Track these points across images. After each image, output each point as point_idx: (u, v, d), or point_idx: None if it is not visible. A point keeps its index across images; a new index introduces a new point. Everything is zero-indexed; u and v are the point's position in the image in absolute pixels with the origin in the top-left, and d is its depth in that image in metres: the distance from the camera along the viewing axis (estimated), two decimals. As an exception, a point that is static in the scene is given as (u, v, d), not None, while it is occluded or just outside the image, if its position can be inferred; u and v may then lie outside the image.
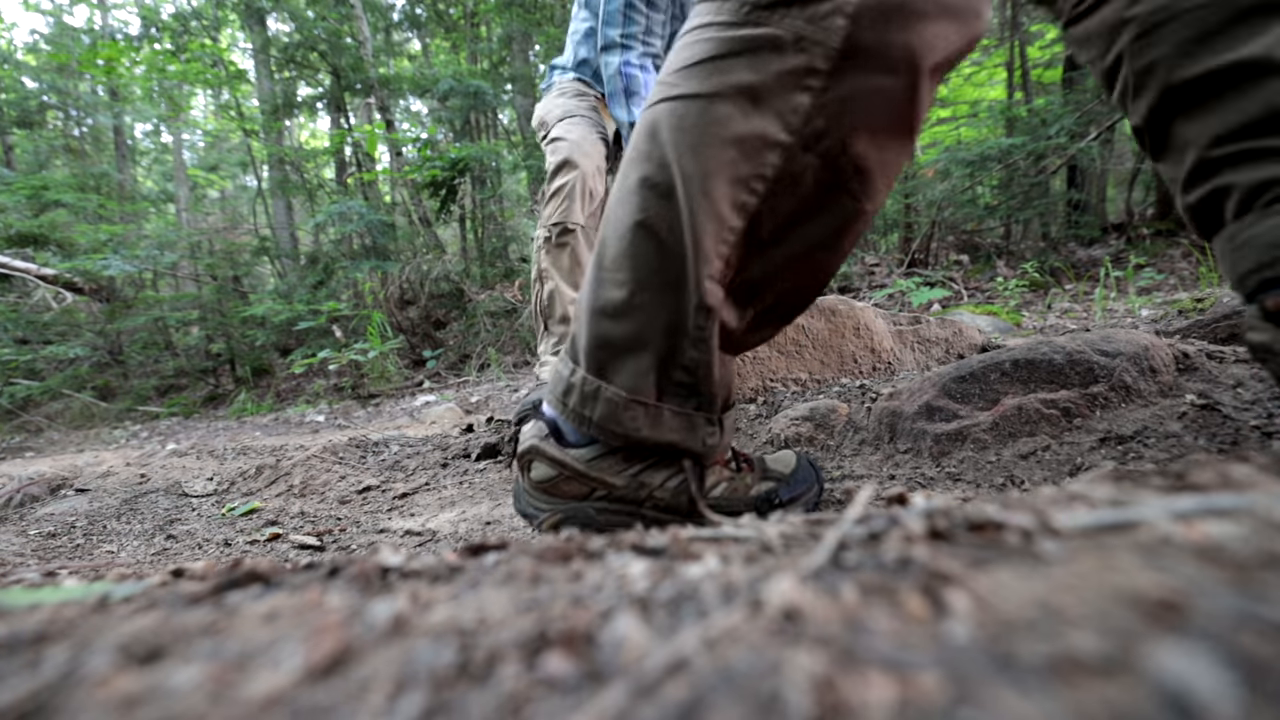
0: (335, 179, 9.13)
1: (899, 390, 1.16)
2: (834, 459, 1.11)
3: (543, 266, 1.88)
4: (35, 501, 1.68)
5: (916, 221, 5.15)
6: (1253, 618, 0.18)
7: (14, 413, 5.63)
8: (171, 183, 12.03)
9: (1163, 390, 0.99)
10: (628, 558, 0.30)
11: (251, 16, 8.04)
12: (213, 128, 11.71)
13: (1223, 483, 0.32)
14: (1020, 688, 0.16)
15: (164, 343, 6.87)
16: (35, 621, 0.26)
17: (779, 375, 1.42)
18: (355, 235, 6.57)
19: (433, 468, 1.60)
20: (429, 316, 5.97)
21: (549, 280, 1.87)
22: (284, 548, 1.12)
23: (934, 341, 1.60)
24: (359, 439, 1.96)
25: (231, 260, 7.22)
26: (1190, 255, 4.06)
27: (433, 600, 0.25)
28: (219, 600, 0.28)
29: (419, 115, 10.52)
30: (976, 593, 0.21)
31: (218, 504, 1.53)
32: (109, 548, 1.23)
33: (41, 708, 0.19)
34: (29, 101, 9.50)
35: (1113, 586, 0.21)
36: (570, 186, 1.83)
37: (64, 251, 6.45)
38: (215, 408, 5.83)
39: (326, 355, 4.79)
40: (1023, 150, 4.42)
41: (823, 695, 0.17)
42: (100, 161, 10.36)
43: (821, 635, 0.20)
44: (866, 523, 0.30)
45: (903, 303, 3.81)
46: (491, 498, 1.27)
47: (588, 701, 0.18)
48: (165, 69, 7.08)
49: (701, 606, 0.23)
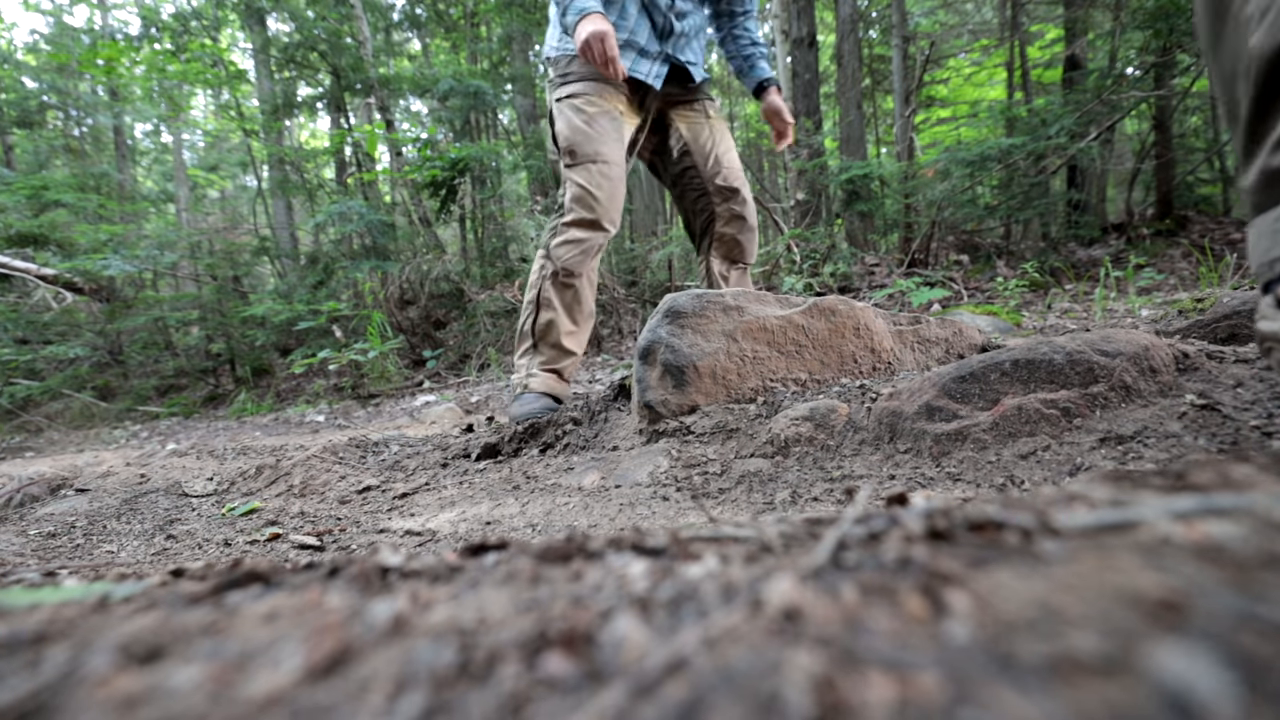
0: (335, 179, 9.13)
1: (899, 390, 1.16)
2: (834, 459, 1.11)
3: (546, 295, 1.96)
4: (35, 501, 1.68)
5: (916, 221, 5.15)
6: (1253, 618, 0.18)
7: (14, 413, 5.63)
8: (171, 183, 12.03)
9: (1163, 390, 0.99)
10: (628, 558, 0.30)
11: (251, 16, 8.04)
12: (213, 128, 11.71)
13: (1223, 483, 0.32)
14: (1020, 688, 0.16)
15: (164, 343, 6.87)
16: (35, 621, 0.26)
17: (779, 375, 1.42)
18: (355, 235, 6.57)
19: (433, 468, 1.61)
20: (429, 316, 5.97)
21: (549, 310, 1.96)
22: (284, 548, 1.12)
23: (934, 341, 1.60)
24: (359, 439, 1.96)
25: (231, 260, 7.22)
26: (1190, 255, 4.06)
27: (433, 600, 0.25)
28: (219, 600, 0.28)
29: (419, 115, 10.52)
30: (976, 593, 0.21)
31: (218, 504, 1.53)
32: (109, 548, 1.23)
33: (41, 708, 0.19)
34: (29, 101, 9.51)
35: (1113, 586, 0.21)
36: (589, 244, 1.93)
37: (64, 251, 6.46)
38: (215, 408, 5.83)
39: (326, 355, 4.79)
40: (1023, 150, 4.42)
41: (823, 695, 0.17)
42: (100, 161, 10.36)
43: (821, 635, 0.20)
44: (866, 523, 0.30)
45: (903, 303, 3.81)
46: (491, 498, 1.27)
47: (588, 701, 0.18)
48: (165, 69, 7.08)
49: (701, 606, 0.23)
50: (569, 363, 2.00)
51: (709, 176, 2.05)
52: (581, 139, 1.92)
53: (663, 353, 1.41)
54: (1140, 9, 4.43)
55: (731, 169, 2.07)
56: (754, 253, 2.16)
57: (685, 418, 1.37)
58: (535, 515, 1.11)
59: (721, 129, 2.11)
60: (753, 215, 2.11)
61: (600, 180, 1.91)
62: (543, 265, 1.97)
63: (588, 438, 1.56)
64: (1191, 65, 4.52)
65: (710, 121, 2.09)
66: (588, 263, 1.94)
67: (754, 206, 2.13)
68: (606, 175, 1.91)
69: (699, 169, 2.06)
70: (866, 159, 6.52)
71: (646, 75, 1.98)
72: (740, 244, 2.12)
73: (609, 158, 1.92)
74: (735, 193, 2.07)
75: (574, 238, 1.93)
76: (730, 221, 2.09)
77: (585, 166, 1.91)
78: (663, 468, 1.22)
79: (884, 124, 10.00)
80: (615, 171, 1.93)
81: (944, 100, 9.56)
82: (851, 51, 6.40)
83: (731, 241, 2.11)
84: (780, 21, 6.32)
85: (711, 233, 2.11)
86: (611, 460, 1.33)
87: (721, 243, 2.11)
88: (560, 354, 1.98)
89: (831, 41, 8.90)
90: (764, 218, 6.76)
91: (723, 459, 1.21)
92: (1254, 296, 1.40)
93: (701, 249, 2.17)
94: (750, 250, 2.14)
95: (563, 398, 1.97)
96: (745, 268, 2.17)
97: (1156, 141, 5.41)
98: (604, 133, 1.93)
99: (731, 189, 2.06)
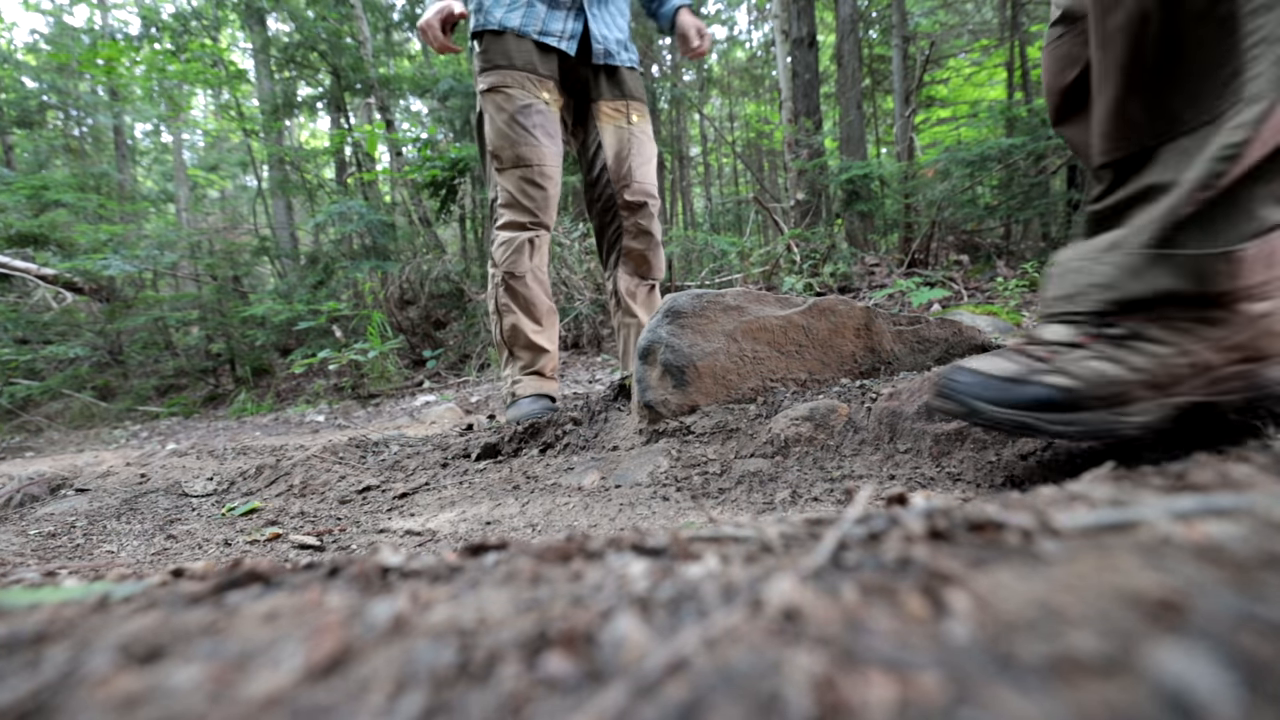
0: (335, 179, 9.13)
1: (899, 390, 1.16)
2: (834, 459, 1.11)
3: (502, 301, 1.97)
4: (35, 501, 1.68)
5: (916, 221, 5.15)
6: (1253, 618, 0.18)
7: (14, 413, 5.63)
8: (171, 183, 12.04)
9: (1163, 390, 0.99)
10: (628, 558, 0.30)
11: (251, 16, 8.04)
12: (213, 128, 11.71)
13: (1223, 483, 0.32)
14: (1020, 688, 0.16)
15: (164, 343, 6.87)
16: (35, 621, 0.26)
17: (779, 375, 1.42)
18: (355, 235, 6.58)
19: (433, 468, 1.61)
20: (429, 316, 5.97)
21: (509, 314, 1.97)
22: (284, 548, 1.12)
23: (934, 341, 1.60)
24: (359, 439, 1.96)
25: (231, 260, 7.22)
26: (1190, 255, 4.05)
27: (433, 600, 0.25)
28: (219, 600, 0.28)
29: (419, 115, 10.52)
30: (976, 593, 0.21)
31: (218, 504, 1.53)
32: (109, 548, 1.23)
33: (41, 708, 0.19)
34: (29, 101, 9.51)
35: (1113, 586, 0.21)
36: (520, 242, 1.91)
37: (64, 251, 6.46)
38: (215, 408, 5.83)
39: (326, 355, 4.79)
40: (1023, 150, 4.42)
41: (823, 695, 0.17)
42: (100, 161, 10.37)
43: (821, 635, 0.20)
44: (866, 523, 0.30)
45: (903, 303, 3.81)
46: (491, 498, 1.27)
47: (588, 701, 0.18)
48: (165, 69, 7.08)
49: (702, 606, 0.23)
50: (545, 360, 1.98)
51: (619, 189, 1.97)
52: (505, 144, 1.87)
53: (663, 352, 1.41)
54: (1140, 9, 4.41)
55: (643, 182, 1.98)
56: (662, 268, 2.08)
57: (685, 418, 1.37)
58: (535, 515, 1.11)
59: (643, 136, 2.01)
60: (658, 230, 2.03)
61: (526, 187, 1.88)
62: (492, 274, 1.97)
63: (588, 438, 1.56)
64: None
65: (632, 127, 1.99)
66: (526, 261, 1.92)
67: (659, 223, 2.04)
68: (532, 180, 1.88)
69: (611, 179, 1.97)
70: (866, 159, 6.52)
71: (559, 39, 1.88)
72: (648, 260, 2.03)
73: (534, 159, 1.87)
74: (642, 206, 1.98)
75: (505, 239, 1.92)
76: (638, 236, 2.00)
77: (510, 173, 1.88)
78: (663, 468, 1.22)
79: (884, 124, 10.00)
80: (545, 171, 1.88)
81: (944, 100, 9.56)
82: (851, 51, 6.41)
83: (639, 257, 2.02)
84: (780, 21, 6.32)
85: (619, 247, 2.03)
86: (611, 460, 1.34)
87: (629, 258, 2.03)
88: (534, 353, 1.97)
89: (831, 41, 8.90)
90: (764, 218, 6.75)
91: (723, 459, 1.21)
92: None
93: (609, 264, 2.08)
94: (657, 266, 2.06)
95: (552, 395, 1.97)
96: (654, 284, 2.08)
97: (1156, 141, 5.38)
98: (529, 131, 1.86)
99: (639, 203, 1.98)
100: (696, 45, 2.03)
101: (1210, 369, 0.76)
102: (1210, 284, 0.73)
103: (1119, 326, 0.78)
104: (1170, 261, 0.75)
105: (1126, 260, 0.77)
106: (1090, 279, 0.80)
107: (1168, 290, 0.75)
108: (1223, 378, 0.76)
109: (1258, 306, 0.74)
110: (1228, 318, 0.74)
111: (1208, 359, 0.75)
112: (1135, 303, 0.77)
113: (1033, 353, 0.81)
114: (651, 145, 2.04)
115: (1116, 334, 0.77)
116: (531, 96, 1.88)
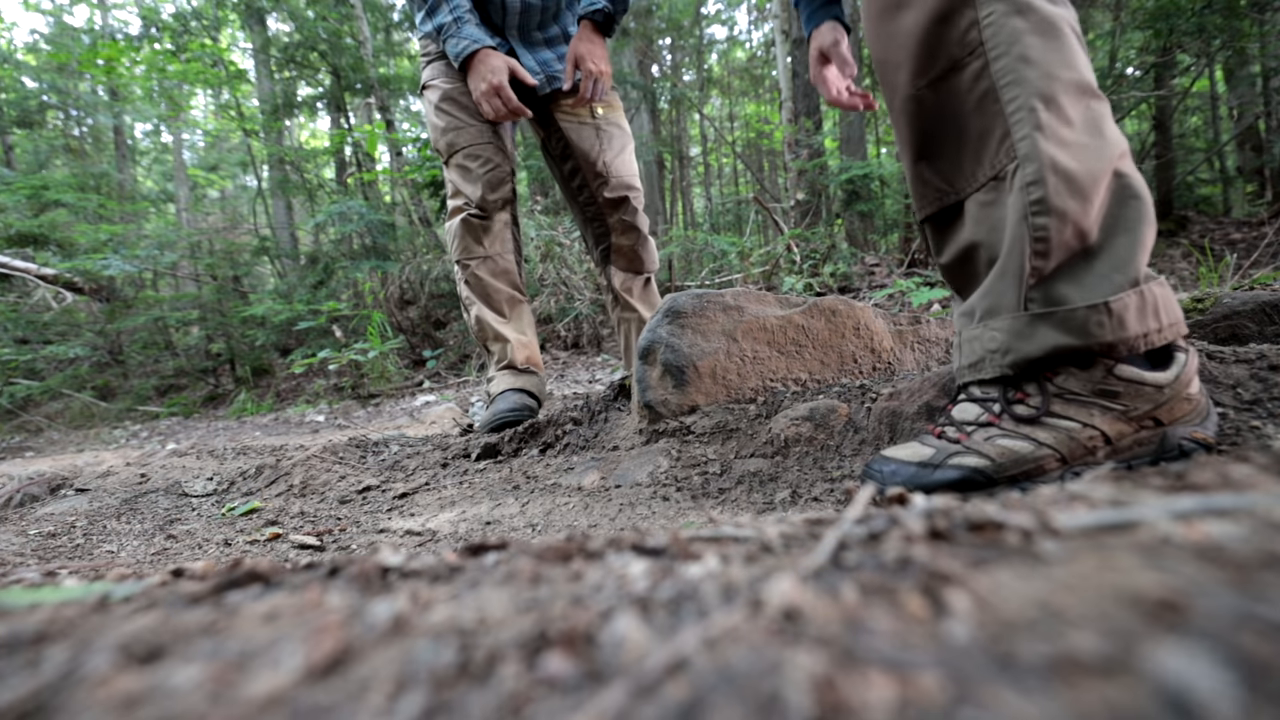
0: (335, 179, 9.13)
1: (899, 390, 1.16)
2: (834, 459, 1.11)
3: (465, 296, 1.95)
4: (35, 501, 1.68)
5: (916, 221, 5.15)
6: (1253, 618, 0.18)
7: (14, 413, 5.63)
8: (171, 183, 12.04)
9: (1163, 390, 0.99)
10: (628, 557, 0.30)
11: (251, 16, 8.04)
12: (213, 128, 11.70)
13: (1223, 483, 0.32)
14: (1020, 688, 0.16)
15: (164, 343, 6.87)
16: (35, 621, 0.26)
17: (779, 375, 1.42)
18: (355, 235, 6.57)
19: (433, 468, 1.60)
20: (429, 316, 5.97)
21: (474, 307, 1.94)
22: (284, 548, 1.12)
23: (934, 341, 1.60)
24: (359, 439, 1.96)
25: (231, 260, 7.22)
26: (1190, 255, 4.06)
27: (433, 600, 0.25)
28: (219, 600, 0.28)
29: (419, 115, 10.52)
30: (976, 593, 0.21)
31: (218, 504, 1.53)
32: (109, 548, 1.23)
33: (41, 708, 0.19)
34: (29, 101, 9.50)
35: (1113, 586, 0.21)
36: (462, 228, 1.89)
37: (64, 251, 6.46)
38: (215, 408, 5.83)
39: (326, 355, 4.79)
40: (1023, 150, 4.40)
41: (823, 695, 0.17)
42: (100, 161, 10.36)
43: (821, 635, 0.20)
44: (866, 523, 0.30)
45: (903, 303, 3.81)
46: (491, 498, 1.27)
47: (588, 701, 0.18)
48: (165, 69, 7.08)
49: (701, 606, 0.23)
50: (515, 351, 1.91)
51: (596, 187, 1.91)
52: (437, 134, 1.88)
53: (663, 352, 1.41)
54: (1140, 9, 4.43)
55: (620, 175, 1.91)
56: (654, 261, 2.03)
57: (685, 418, 1.37)
58: (535, 515, 1.11)
59: (611, 129, 1.91)
60: (643, 223, 1.97)
61: (463, 172, 1.86)
62: (454, 271, 1.96)
63: (588, 438, 1.56)
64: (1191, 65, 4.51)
65: (598, 120, 1.90)
66: (476, 247, 1.89)
67: (645, 215, 1.98)
68: (464, 165, 1.85)
69: (587, 178, 1.91)
70: (866, 159, 6.52)
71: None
72: (638, 254, 1.98)
73: (461, 142, 1.84)
74: (624, 202, 1.92)
75: (448, 226, 1.93)
76: (624, 232, 1.95)
77: (450, 163, 1.88)
78: (663, 468, 1.22)
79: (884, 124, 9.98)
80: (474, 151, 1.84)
81: (944, 100, 9.52)
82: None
83: (629, 253, 1.98)
84: (780, 21, 6.32)
85: (608, 243, 1.99)
86: (611, 460, 1.34)
87: (620, 254, 1.98)
88: (504, 344, 1.92)
89: (831, 41, 8.87)
90: (764, 218, 6.75)
91: (723, 459, 1.21)
92: (1253, 296, 1.40)
93: (600, 261, 2.05)
94: (648, 259, 2.01)
95: (528, 387, 1.89)
96: (649, 277, 2.04)
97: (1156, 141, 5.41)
98: (454, 115, 1.84)
99: (619, 199, 1.91)
100: (571, 85, 1.82)
101: (1122, 437, 0.78)
102: (1093, 336, 0.76)
103: (1025, 404, 0.81)
104: (1051, 319, 0.78)
105: (1012, 324, 0.81)
106: (986, 345, 0.84)
107: (1055, 347, 0.77)
108: (1133, 444, 0.79)
109: (1160, 375, 0.77)
110: (1125, 389, 0.77)
111: (1119, 429, 0.78)
112: (1034, 362, 0.80)
113: (948, 435, 0.85)
114: (623, 134, 1.95)
115: (1023, 413, 0.80)
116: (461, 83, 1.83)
